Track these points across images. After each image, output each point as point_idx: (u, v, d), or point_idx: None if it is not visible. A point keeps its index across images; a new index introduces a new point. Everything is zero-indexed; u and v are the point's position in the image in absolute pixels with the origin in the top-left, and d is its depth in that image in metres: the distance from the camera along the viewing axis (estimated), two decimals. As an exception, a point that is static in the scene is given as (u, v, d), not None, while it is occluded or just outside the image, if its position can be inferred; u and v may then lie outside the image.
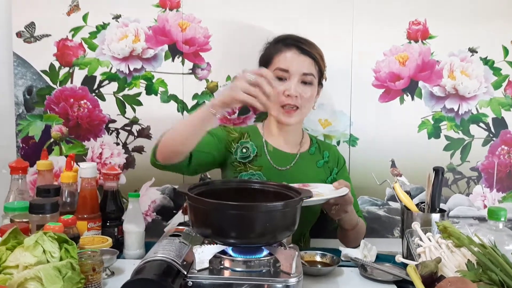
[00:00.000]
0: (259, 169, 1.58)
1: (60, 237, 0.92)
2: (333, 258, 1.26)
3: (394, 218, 1.93)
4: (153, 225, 1.96)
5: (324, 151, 1.68)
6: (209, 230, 0.97)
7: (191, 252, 1.03)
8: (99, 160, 1.95)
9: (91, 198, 1.30)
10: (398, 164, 1.93)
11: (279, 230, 0.97)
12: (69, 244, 0.92)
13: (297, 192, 1.07)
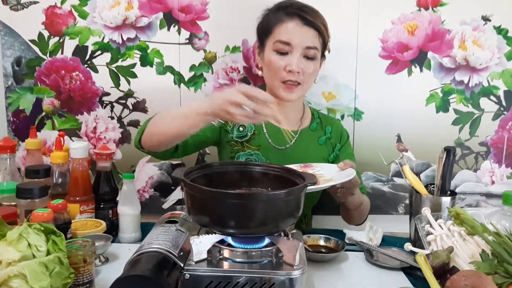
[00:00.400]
0: (257, 149, 1.50)
1: (47, 228, 0.86)
2: (338, 243, 1.20)
3: (398, 195, 1.88)
4: (150, 202, 1.90)
5: (326, 126, 1.60)
6: (207, 220, 0.91)
7: (189, 241, 0.97)
8: (93, 135, 1.87)
9: (83, 180, 1.23)
10: (404, 139, 1.85)
11: (281, 219, 0.91)
12: (56, 236, 0.86)
13: (301, 177, 1.00)
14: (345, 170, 1.29)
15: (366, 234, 1.27)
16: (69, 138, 1.88)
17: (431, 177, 1.86)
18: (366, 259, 1.17)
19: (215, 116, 1.10)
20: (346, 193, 1.33)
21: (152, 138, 1.28)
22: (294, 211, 0.93)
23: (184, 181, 0.93)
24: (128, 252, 1.18)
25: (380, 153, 1.49)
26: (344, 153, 1.60)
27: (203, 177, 1.04)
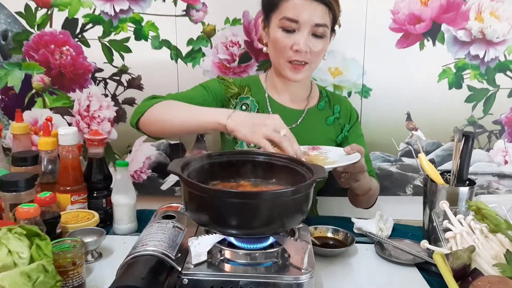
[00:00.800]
0: None
1: (30, 231, 0.78)
2: (347, 236, 1.13)
3: (407, 175, 1.80)
4: (148, 183, 1.83)
5: (335, 106, 1.50)
6: (206, 219, 0.83)
7: (187, 239, 0.89)
8: (86, 113, 1.78)
9: (73, 168, 1.14)
10: (414, 117, 1.76)
11: (288, 218, 0.83)
12: (41, 239, 0.78)
13: (308, 170, 0.92)
14: (352, 154, 1.20)
15: (375, 224, 1.20)
16: (61, 116, 1.79)
17: (441, 157, 1.78)
18: (377, 253, 1.09)
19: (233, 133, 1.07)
20: (350, 178, 1.25)
21: (154, 124, 1.22)
22: (301, 209, 0.85)
23: (181, 177, 0.84)
24: (123, 245, 1.10)
25: (393, 139, 1.40)
26: (353, 135, 1.51)
27: (202, 169, 0.95)
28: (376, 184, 1.45)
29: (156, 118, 1.21)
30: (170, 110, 1.21)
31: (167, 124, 1.19)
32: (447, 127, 1.77)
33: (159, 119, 1.20)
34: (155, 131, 1.25)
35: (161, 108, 1.22)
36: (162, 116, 1.20)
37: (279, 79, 1.43)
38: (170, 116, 1.19)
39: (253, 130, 1.05)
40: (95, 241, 1.01)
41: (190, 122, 1.16)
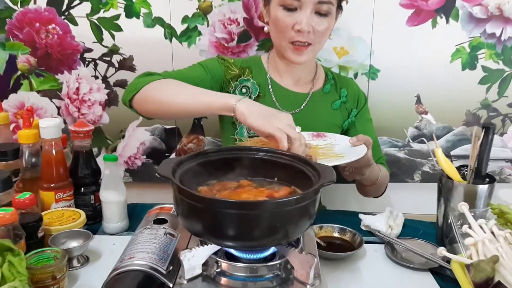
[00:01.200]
0: None
1: (1, 245, 0.69)
2: (354, 236, 1.04)
3: (415, 161, 1.70)
4: (143, 169, 1.74)
5: (342, 89, 1.40)
6: (200, 230, 0.74)
7: (180, 246, 0.81)
8: (76, 96, 1.67)
9: (57, 164, 1.05)
10: (424, 100, 1.65)
11: (292, 229, 0.74)
12: (14, 255, 0.69)
13: (315, 171, 0.82)
14: (358, 147, 1.11)
15: (385, 221, 1.11)
16: (49, 100, 1.69)
17: (452, 142, 1.69)
18: (387, 255, 1.01)
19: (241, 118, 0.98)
20: (354, 173, 1.16)
21: (151, 103, 1.11)
22: (307, 217, 0.76)
23: (173, 182, 0.75)
24: (112, 247, 1.02)
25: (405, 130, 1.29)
26: (361, 120, 1.41)
27: (196, 168, 0.86)
28: (385, 173, 1.36)
29: (154, 96, 1.11)
30: (170, 89, 1.11)
31: (166, 104, 1.09)
32: (459, 111, 1.66)
33: (157, 98, 1.10)
34: (151, 110, 1.14)
35: (160, 86, 1.12)
36: (161, 95, 1.10)
37: (282, 61, 1.33)
38: (170, 96, 1.09)
39: (268, 119, 0.96)
40: (80, 246, 0.92)
41: (193, 103, 1.06)
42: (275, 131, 0.93)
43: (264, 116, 0.97)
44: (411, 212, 1.30)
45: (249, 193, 0.85)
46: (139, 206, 1.23)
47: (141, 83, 1.14)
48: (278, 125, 0.95)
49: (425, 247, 1.03)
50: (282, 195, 0.85)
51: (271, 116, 0.97)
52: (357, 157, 1.03)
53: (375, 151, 1.41)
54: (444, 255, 0.87)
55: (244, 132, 1.32)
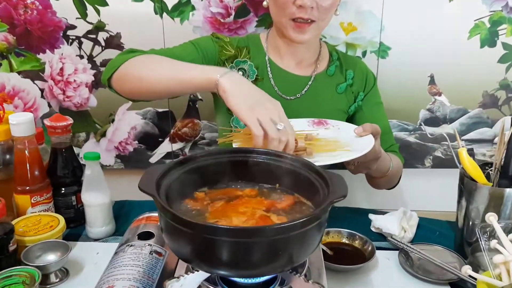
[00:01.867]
0: None
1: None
2: (365, 243, 0.94)
3: (426, 146, 1.59)
4: (135, 155, 1.63)
5: (348, 70, 1.27)
6: (190, 257, 0.63)
7: (168, 266, 0.71)
8: (60, 78, 1.54)
9: (31, 164, 0.93)
10: (438, 80, 1.52)
11: (296, 254, 0.63)
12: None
13: (323, 180, 0.71)
14: (364, 137, 0.99)
15: (397, 223, 1.01)
16: (32, 81, 1.56)
17: (466, 125, 1.57)
18: (401, 265, 0.91)
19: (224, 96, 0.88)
20: (360, 167, 1.04)
21: (130, 81, 1.01)
22: (314, 240, 0.65)
23: (156, 200, 0.63)
24: (95, 257, 0.92)
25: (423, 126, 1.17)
26: (369, 104, 1.28)
27: (185, 176, 0.75)
28: (397, 163, 1.23)
29: (132, 73, 1.00)
30: (150, 65, 1.00)
31: (145, 81, 0.99)
32: (475, 92, 1.54)
33: (136, 75, 1.00)
34: (130, 90, 1.04)
35: (139, 62, 1.02)
36: (140, 71, 1.00)
37: (282, 40, 1.19)
38: (149, 72, 0.99)
39: (251, 106, 0.86)
40: (56, 262, 0.82)
41: (173, 78, 0.96)
42: (252, 124, 0.84)
43: (247, 101, 0.87)
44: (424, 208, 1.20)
45: (247, 205, 0.74)
46: (127, 205, 1.13)
47: (121, 60, 1.03)
48: (259, 117, 0.84)
49: (444, 255, 0.93)
50: (284, 206, 0.74)
51: (256, 103, 0.87)
52: (361, 153, 0.90)
53: (386, 137, 1.29)
54: (470, 274, 0.77)
55: (240, 120, 1.20)
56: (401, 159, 1.29)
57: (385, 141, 1.28)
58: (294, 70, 1.23)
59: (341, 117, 1.27)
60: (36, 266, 0.79)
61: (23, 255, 0.82)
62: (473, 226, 0.92)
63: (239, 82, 0.90)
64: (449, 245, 0.98)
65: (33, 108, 1.58)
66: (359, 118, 1.28)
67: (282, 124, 0.85)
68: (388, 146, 1.28)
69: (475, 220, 0.92)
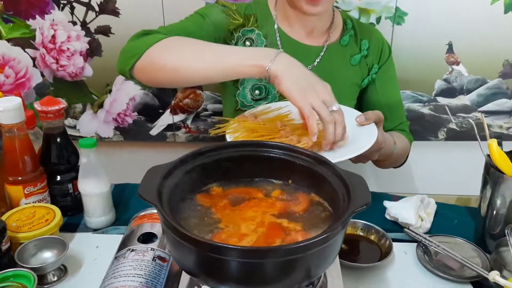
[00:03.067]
0: None
1: None
2: (382, 239, 0.88)
3: (440, 118, 1.51)
4: (135, 127, 1.56)
5: (363, 40, 1.17)
6: (196, 272, 0.57)
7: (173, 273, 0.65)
8: (52, 46, 1.45)
9: (22, 153, 0.86)
10: (456, 48, 1.42)
11: (314, 270, 0.57)
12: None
13: (340, 180, 0.64)
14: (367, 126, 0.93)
15: (414, 211, 0.95)
16: (22, 49, 1.46)
17: (484, 96, 1.48)
18: (419, 260, 0.85)
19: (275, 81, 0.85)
20: (361, 157, 0.98)
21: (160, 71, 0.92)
22: (334, 253, 0.59)
23: (159, 211, 0.57)
24: (95, 252, 0.86)
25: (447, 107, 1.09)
26: (382, 78, 1.20)
27: (193, 173, 0.68)
28: (403, 145, 1.15)
29: (162, 63, 0.91)
30: (182, 52, 0.91)
31: (181, 72, 0.90)
32: (495, 61, 1.44)
33: (168, 66, 0.90)
34: (161, 80, 0.95)
35: (168, 49, 0.92)
36: (173, 61, 0.90)
37: (292, 10, 1.09)
38: (184, 61, 0.90)
39: (304, 90, 0.82)
40: (53, 262, 0.77)
41: (215, 67, 0.89)
42: (305, 109, 0.81)
43: (300, 85, 0.83)
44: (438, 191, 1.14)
45: (256, 208, 0.67)
46: (128, 189, 1.07)
47: (143, 46, 0.93)
48: (312, 100, 0.81)
49: (464, 249, 0.88)
50: (300, 210, 0.67)
51: (307, 86, 0.84)
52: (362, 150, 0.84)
53: (397, 114, 1.22)
54: (498, 281, 0.71)
55: (247, 94, 1.13)
56: (410, 138, 1.22)
57: (395, 118, 1.21)
58: (305, 40, 1.14)
59: (354, 91, 1.19)
60: (32, 268, 0.74)
61: (17, 255, 0.77)
62: (497, 217, 0.87)
63: (290, 65, 0.86)
64: (468, 235, 0.92)
65: (26, 77, 1.49)
66: (371, 93, 1.20)
67: (336, 104, 0.83)
68: (398, 124, 1.21)
69: (500, 211, 0.86)
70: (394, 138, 1.09)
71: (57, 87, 1.50)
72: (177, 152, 1.61)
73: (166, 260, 0.68)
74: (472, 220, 0.98)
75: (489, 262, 0.83)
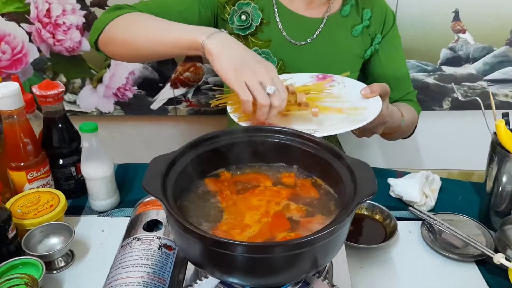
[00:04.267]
0: (267, 45, 1.09)
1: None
2: (387, 219, 0.88)
3: (445, 87, 1.49)
4: (136, 101, 1.54)
5: (364, 9, 1.13)
6: (203, 265, 0.57)
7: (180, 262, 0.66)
8: (48, 20, 1.41)
9: (23, 138, 0.84)
10: (463, 16, 1.38)
11: (321, 260, 0.57)
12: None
13: (347, 169, 0.63)
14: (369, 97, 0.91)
15: (419, 188, 0.94)
16: (17, 24, 1.43)
17: (490, 64, 1.46)
18: (424, 239, 0.86)
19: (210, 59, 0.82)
20: (365, 131, 0.97)
21: (116, 44, 0.96)
22: (340, 242, 0.59)
23: (164, 205, 0.56)
24: (101, 236, 0.87)
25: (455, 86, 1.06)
26: (386, 47, 1.17)
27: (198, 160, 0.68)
28: (411, 117, 1.13)
29: (117, 36, 0.94)
30: (134, 27, 0.93)
31: (131, 45, 0.93)
32: (502, 28, 1.40)
33: (121, 39, 0.93)
34: (119, 53, 0.98)
35: (124, 23, 0.94)
36: (124, 35, 0.93)
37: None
38: (133, 34, 0.92)
39: (239, 69, 0.79)
40: (60, 250, 0.77)
41: (159, 41, 0.89)
42: (239, 89, 0.77)
43: (235, 63, 0.79)
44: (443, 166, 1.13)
45: (262, 196, 0.67)
46: (131, 169, 1.07)
47: (105, 21, 0.95)
48: (247, 80, 0.77)
49: (469, 226, 0.88)
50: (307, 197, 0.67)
51: (243, 65, 0.79)
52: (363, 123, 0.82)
53: (403, 84, 1.20)
54: (502, 262, 0.72)
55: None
56: (417, 108, 1.20)
57: (402, 88, 1.19)
58: (304, 11, 1.10)
59: (356, 63, 1.17)
60: (39, 255, 0.74)
61: (24, 243, 0.77)
62: (503, 195, 0.86)
63: (226, 43, 0.82)
64: (473, 211, 0.93)
65: (22, 53, 1.46)
66: (375, 64, 1.18)
67: (272, 87, 0.77)
68: (405, 94, 1.19)
69: (506, 188, 0.85)
70: (401, 110, 1.07)
71: (55, 62, 1.47)
72: (178, 125, 1.61)
73: (172, 248, 0.69)
74: (477, 196, 0.97)
75: (494, 240, 0.83)
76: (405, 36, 1.31)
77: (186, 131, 1.60)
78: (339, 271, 0.70)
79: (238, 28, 1.07)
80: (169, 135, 1.62)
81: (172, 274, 0.66)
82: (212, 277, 0.61)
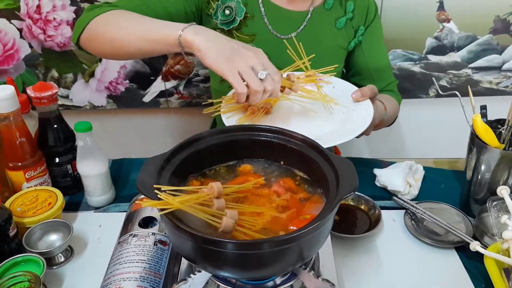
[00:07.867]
0: (251, 39, 1.11)
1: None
2: (372, 209, 0.92)
3: (431, 75, 1.52)
4: (128, 95, 1.56)
5: (348, 2, 1.15)
6: (195, 260, 0.61)
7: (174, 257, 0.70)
8: (38, 16, 1.42)
9: (20, 138, 0.87)
10: (447, 5, 1.41)
11: (307, 252, 0.61)
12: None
13: (330, 165, 0.67)
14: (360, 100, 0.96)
15: (403, 178, 0.98)
16: (8, 21, 1.44)
17: (474, 52, 1.49)
18: (407, 228, 0.90)
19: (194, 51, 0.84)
20: None
21: (99, 42, 0.96)
22: (325, 234, 0.63)
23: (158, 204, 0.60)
24: (98, 231, 0.90)
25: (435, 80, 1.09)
26: (369, 39, 1.20)
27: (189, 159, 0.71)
28: (392, 108, 1.16)
29: (101, 34, 0.95)
30: (118, 24, 0.94)
31: (116, 42, 0.94)
32: (486, 17, 1.44)
33: (105, 36, 0.94)
34: (102, 51, 0.99)
35: (106, 21, 0.95)
36: (109, 32, 0.94)
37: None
38: (119, 31, 0.93)
39: (229, 58, 0.81)
40: (59, 246, 0.81)
41: (144, 38, 0.90)
42: (233, 79, 0.79)
43: (225, 54, 0.81)
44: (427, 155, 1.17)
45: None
46: (125, 165, 1.10)
47: (87, 19, 0.96)
48: (239, 67, 0.79)
49: (449, 214, 0.92)
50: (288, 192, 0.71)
51: (232, 53, 0.81)
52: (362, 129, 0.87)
53: (384, 75, 1.23)
54: (477, 250, 0.76)
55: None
56: (398, 99, 1.24)
57: (383, 78, 1.22)
58: (288, 5, 1.12)
59: (341, 55, 1.19)
60: (40, 252, 0.78)
61: (25, 240, 0.80)
62: (481, 183, 0.90)
63: (212, 37, 0.84)
64: (454, 199, 0.97)
65: (14, 49, 1.48)
66: (357, 55, 1.20)
67: (264, 72, 0.80)
68: (386, 84, 1.22)
69: (484, 176, 0.89)
70: (384, 103, 1.10)
71: (46, 57, 1.49)
72: (170, 117, 1.63)
73: (167, 244, 0.73)
74: (458, 183, 1.02)
75: (473, 227, 0.88)
76: (391, 26, 1.34)
77: (178, 122, 1.63)
78: (325, 261, 0.74)
79: (222, 23, 1.10)
80: (162, 127, 1.65)
81: (167, 268, 0.70)
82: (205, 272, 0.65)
